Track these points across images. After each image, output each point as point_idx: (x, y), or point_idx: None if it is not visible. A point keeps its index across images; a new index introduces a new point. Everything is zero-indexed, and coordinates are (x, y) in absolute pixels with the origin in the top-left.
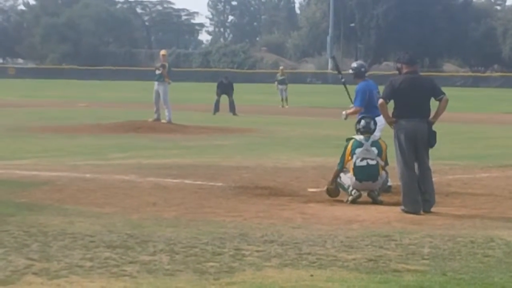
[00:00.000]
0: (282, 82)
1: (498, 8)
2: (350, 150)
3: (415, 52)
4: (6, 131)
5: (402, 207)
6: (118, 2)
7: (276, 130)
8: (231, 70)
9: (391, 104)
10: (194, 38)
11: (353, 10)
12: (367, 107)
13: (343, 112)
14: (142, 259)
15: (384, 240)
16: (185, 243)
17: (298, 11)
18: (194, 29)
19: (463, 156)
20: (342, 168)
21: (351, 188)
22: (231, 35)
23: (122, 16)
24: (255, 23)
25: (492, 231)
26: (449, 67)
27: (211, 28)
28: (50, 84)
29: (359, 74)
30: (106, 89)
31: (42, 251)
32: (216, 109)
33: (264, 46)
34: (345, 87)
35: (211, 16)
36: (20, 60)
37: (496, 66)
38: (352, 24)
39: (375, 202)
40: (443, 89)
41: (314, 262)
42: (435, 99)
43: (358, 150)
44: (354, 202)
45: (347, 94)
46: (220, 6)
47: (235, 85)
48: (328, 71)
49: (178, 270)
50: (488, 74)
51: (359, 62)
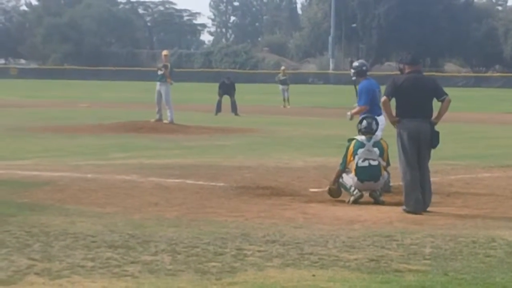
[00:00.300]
0: (284, 83)
1: (500, 8)
2: (352, 150)
3: (416, 52)
4: (7, 131)
5: (404, 207)
6: (120, 3)
7: (278, 130)
8: (233, 70)
9: (392, 102)
10: (196, 38)
11: (354, 10)
12: (369, 106)
13: (348, 112)
14: (144, 259)
15: (385, 240)
16: (186, 243)
17: (300, 12)
18: (196, 29)
19: (465, 156)
20: (344, 168)
21: (353, 188)
22: (233, 36)
23: (124, 17)
24: (257, 24)
25: (494, 231)
26: (450, 67)
27: (213, 29)
28: (52, 84)
29: (360, 73)
30: (108, 89)
31: (43, 251)
32: (218, 109)
33: (266, 46)
34: (355, 87)
35: (213, 16)
36: (22, 61)
37: (497, 67)
38: (354, 24)
39: (377, 202)
40: (445, 89)
41: (316, 262)
42: (437, 99)
43: (360, 151)
44: (356, 202)
45: (356, 95)
46: (222, 7)
47: (237, 85)
48: (330, 71)
49: (180, 270)
50: (489, 74)
51: (361, 61)
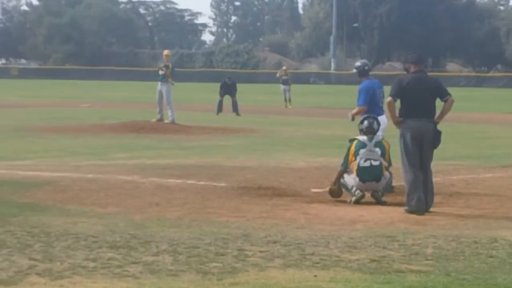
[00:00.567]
0: (285, 83)
1: (502, 8)
2: (354, 150)
3: (421, 52)
4: (8, 131)
5: (406, 208)
6: (121, 3)
7: (279, 131)
8: (234, 70)
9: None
10: (197, 38)
11: (356, 10)
12: (369, 106)
13: (349, 113)
14: (145, 259)
15: (387, 240)
16: (188, 244)
17: (301, 11)
18: (197, 29)
19: (467, 156)
20: (345, 168)
21: (354, 188)
22: (234, 35)
23: (125, 17)
24: (258, 23)
25: (496, 231)
26: (452, 67)
27: (214, 29)
28: (53, 85)
29: (362, 72)
30: (109, 89)
31: (45, 252)
32: (219, 109)
33: (267, 46)
34: None
35: (214, 16)
36: (23, 61)
37: (499, 66)
38: (355, 24)
39: (379, 202)
40: (447, 89)
41: (318, 263)
42: (441, 100)
43: (362, 151)
44: (358, 202)
45: None
46: (223, 6)
47: (238, 85)
48: (331, 71)
49: (181, 270)
50: (491, 74)
51: (363, 60)
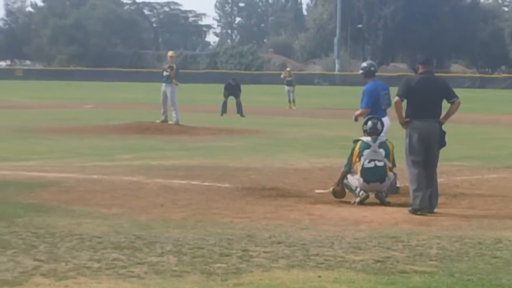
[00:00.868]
0: (289, 84)
1: (506, 9)
2: (358, 151)
3: (430, 53)
4: (13, 132)
5: (410, 208)
6: (126, 4)
7: (283, 131)
8: (238, 71)
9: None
10: (202, 39)
11: (360, 11)
12: (372, 108)
13: (352, 115)
14: (150, 260)
15: (391, 241)
16: (192, 244)
17: (305, 13)
18: (202, 30)
19: (471, 157)
20: (349, 169)
21: (358, 189)
22: (238, 37)
23: (130, 18)
24: (262, 25)
25: (500, 232)
26: (456, 68)
27: (218, 30)
28: (57, 85)
29: (368, 73)
30: (113, 90)
31: (49, 252)
32: (224, 110)
33: (271, 47)
34: None
35: (218, 17)
36: (28, 62)
37: (503, 67)
38: (360, 25)
39: (383, 203)
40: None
41: (322, 263)
42: (447, 101)
43: (366, 152)
44: (362, 203)
45: None
46: (227, 8)
47: (242, 86)
48: (335, 72)
49: (186, 271)
50: (495, 75)
51: (369, 61)
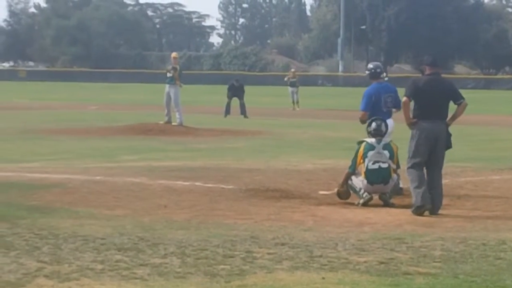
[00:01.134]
0: (293, 85)
1: (510, 10)
2: (362, 153)
3: (426, 54)
4: (17, 134)
5: (412, 208)
6: (129, 5)
7: (287, 133)
8: (242, 72)
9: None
10: (205, 40)
11: (364, 12)
12: (372, 111)
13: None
14: (153, 261)
15: (395, 242)
16: (196, 246)
17: (309, 13)
18: (205, 31)
19: (474, 158)
20: (353, 170)
21: (362, 191)
22: (242, 38)
23: (133, 19)
24: (266, 26)
25: (504, 233)
26: (460, 69)
27: (222, 31)
28: (60, 87)
29: (373, 75)
30: (117, 91)
31: (53, 254)
32: (227, 111)
33: (274, 48)
34: None
35: (222, 18)
36: (31, 63)
37: (507, 68)
38: (363, 26)
39: (387, 205)
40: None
41: (325, 265)
42: (454, 103)
43: (370, 153)
44: (366, 204)
45: None
46: (231, 9)
47: (246, 87)
48: (339, 73)
49: (189, 272)
50: (499, 76)
51: (375, 63)
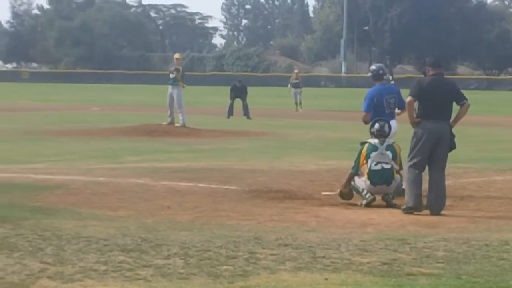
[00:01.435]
0: (296, 86)
1: None
2: (365, 154)
3: (429, 55)
4: (20, 135)
5: (403, 207)
6: (132, 6)
7: (290, 134)
8: (245, 73)
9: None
10: (208, 41)
11: (367, 13)
12: (374, 112)
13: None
14: (156, 262)
15: (398, 243)
16: (199, 247)
17: (311, 14)
18: (208, 32)
19: (477, 159)
20: (356, 171)
21: (365, 191)
22: (244, 39)
23: (136, 20)
24: (269, 27)
25: (507, 234)
26: (463, 70)
27: (224, 32)
28: (64, 88)
29: (376, 76)
30: (120, 92)
31: (56, 255)
32: (230, 112)
33: (277, 49)
34: None
35: (224, 19)
36: (34, 64)
37: (510, 69)
38: (366, 27)
39: (389, 205)
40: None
41: (329, 266)
42: (457, 103)
43: (373, 154)
44: (368, 205)
45: None
46: (233, 10)
47: (249, 88)
48: (342, 74)
49: (192, 273)
50: (502, 77)
51: (378, 64)
